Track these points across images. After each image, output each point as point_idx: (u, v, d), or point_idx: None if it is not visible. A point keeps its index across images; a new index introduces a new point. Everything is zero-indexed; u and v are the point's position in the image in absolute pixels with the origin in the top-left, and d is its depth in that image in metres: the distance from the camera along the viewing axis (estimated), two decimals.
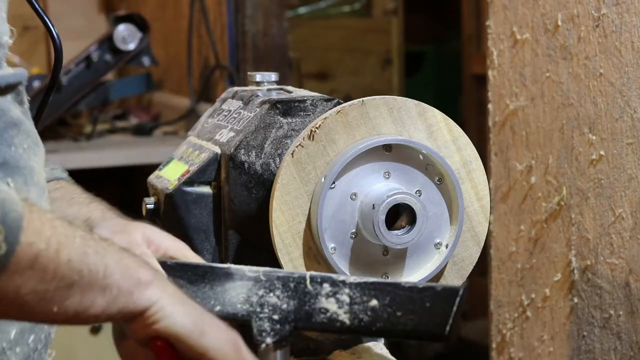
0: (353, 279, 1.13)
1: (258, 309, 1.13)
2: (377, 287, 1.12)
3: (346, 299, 1.12)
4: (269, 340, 1.13)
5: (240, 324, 1.14)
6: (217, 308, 1.15)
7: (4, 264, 0.90)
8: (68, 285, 0.95)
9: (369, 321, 1.12)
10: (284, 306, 1.13)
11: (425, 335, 1.14)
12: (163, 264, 1.16)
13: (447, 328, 1.11)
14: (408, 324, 1.12)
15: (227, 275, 1.15)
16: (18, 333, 1.13)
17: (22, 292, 0.93)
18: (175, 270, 1.16)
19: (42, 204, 1.14)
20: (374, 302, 1.12)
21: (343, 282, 1.13)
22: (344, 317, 1.12)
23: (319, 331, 1.17)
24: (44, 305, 0.95)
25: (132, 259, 1.03)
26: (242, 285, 1.15)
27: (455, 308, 1.11)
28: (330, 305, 1.12)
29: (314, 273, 1.14)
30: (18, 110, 1.13)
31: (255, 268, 1.15)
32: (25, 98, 1.16)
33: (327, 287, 1.13)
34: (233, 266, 1.16)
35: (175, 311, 1.02)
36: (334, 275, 1.13)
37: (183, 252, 1.21)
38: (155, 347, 1.03)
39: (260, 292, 1.14)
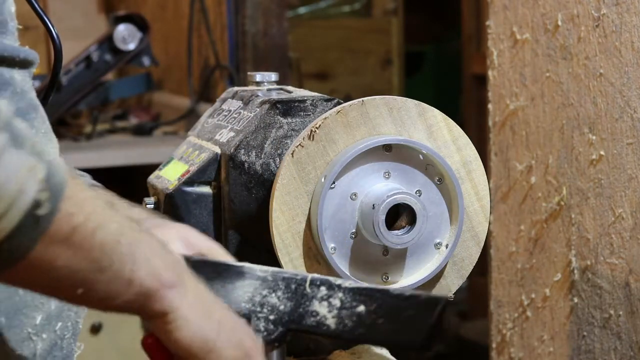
0: (349, 283, 1.12)
1: (258, 309, 1.13)
2: (367, 293, 1.11)
3: (337, 303, 1.12)
4: (263, 339, 1.13)
5: None
6: None
7: (45, 227, 0.87)
8: (97, 269, 0.92)
9: (352, 327, 1.11)
10: (281, 307, 1.13)
11: (401, 343, 1.13)
12: (187, 259, 1.16)
13: (424, 337, 1.10)
14: (387, 331, 1.10)
15: (240, 274, 1.15)
16: (44, 319, 1.13)
17: (56, 265, 0.90)
18: (196, 266, 1.16)
19: None
20: (361, 308, 1.11)
21: (339, 286, 1.12)
22: (331, 321, 1.11)
23: (308, 334, 1.16)
24: (71, 285, 0.92)
25: (163, 258, 0.99)
26: (250, 284, 1.15)
27: (434, 318, 1.10)
28: (322, 308, 1.12)
29: (316, 276, 1.13)
30: (34, 94, 1.13)
31: (266, 268, 1.15)
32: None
33: (323, 290, 1.12)
34: (247, 265, 1.16)
35: (187, 325, 0.99)
36: (332, 279, 1.13)
37: (217, 253, 1.20)
38: (146, 345, 1.03)
39: (264, 292, 1.14)
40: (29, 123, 1.09)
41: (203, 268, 1.16)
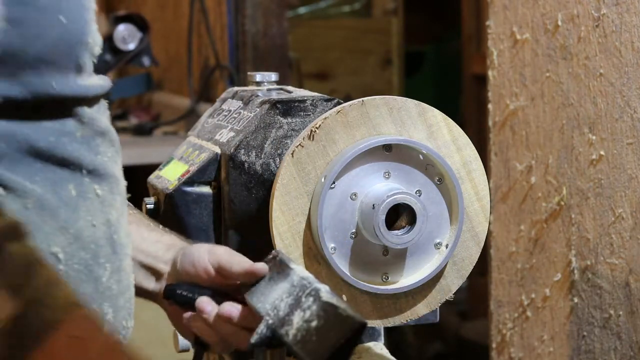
0: (327, 297, 1.10)
1: (270, 311, 1.13)
2: (326, 309, 1.08)
3: (307, 315, 1.09)
4: (252, 340, 1.13)
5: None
6: (259, 305, 1.16)
7: None
8: None
9: (294, 340, 1.08)
10: (280, 313, 1.12)
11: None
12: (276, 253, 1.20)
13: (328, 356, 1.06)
14: (309, 349, 1.07)
15: (286, 276, 1.16)
16: None
17: None
18: (276, 263, 1.19)
19: (124, 213, 1.14)
20: (314, 324, 1.08)
21: (320, 298, 1.10)
22: (292, 332, 1.09)
23: (280, 343, 1.13)
24: None
25: None
26: (283, 288, 1.15)
27: (335, 340, 1.06)
28: (296, 318, 1.10)
29: (318, 286, 1.11)
30: (105, 119, 1.15)
31: (302, 272, 1.15)
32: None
33: (309, 300, 1.10)
34: (296, 268, 1.16)
35: None
36: (323, 290, 1.11)
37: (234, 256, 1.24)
38: None
39: (284, 296, 1.13)
40: (93, 150, 1.10)
41: (277, 267, 1.19)
